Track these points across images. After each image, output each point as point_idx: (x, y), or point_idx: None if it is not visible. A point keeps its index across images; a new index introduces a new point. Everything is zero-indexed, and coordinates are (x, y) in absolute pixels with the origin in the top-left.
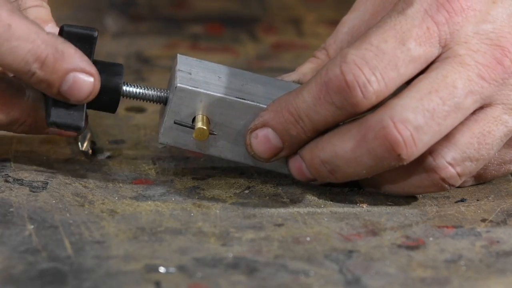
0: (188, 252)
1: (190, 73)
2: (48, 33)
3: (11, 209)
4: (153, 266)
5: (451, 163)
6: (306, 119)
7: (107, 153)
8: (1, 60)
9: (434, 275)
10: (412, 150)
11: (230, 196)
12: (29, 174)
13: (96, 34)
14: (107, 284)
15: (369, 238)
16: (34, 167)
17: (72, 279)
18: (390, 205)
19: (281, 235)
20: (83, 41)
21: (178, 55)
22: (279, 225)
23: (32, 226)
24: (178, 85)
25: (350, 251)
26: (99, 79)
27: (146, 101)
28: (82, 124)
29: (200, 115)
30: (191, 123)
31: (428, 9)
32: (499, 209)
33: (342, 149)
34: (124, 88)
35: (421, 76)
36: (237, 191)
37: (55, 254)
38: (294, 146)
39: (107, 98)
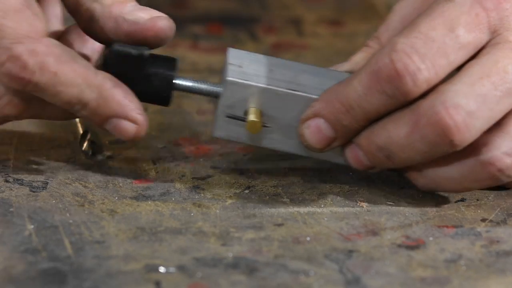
0: (188, 252)
1: (241, 66)
2: (98, 76)
3: (11, 209)
4: (153, 266)
5: (507, 152)
6: (357, 109)
7: (107, 153)
8: (48, 99)
9: (434, 275)
10: (464, 135)
11: (230, 196)
12: (29, 174)
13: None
14: (107, 284)
15: (369, 238)
16: (34, 167)
17: (72, 279)
18: (390, 205)
19: (281, 235)
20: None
21: (230, 48)
22: (279, 225)
23: (32, 226)
24: (229, 78)
25: (350, 251)
26: (146, 123)
27: (199, 95)
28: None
29: (252, 108)
30: (244, 116)
31: None
32: (499, 209)
33: (396, 135)
34: (177, 81)
35: (472, 62)
36: (237, 191)
37: (55, 254)
38: (346, 136)
39: (159, 92)
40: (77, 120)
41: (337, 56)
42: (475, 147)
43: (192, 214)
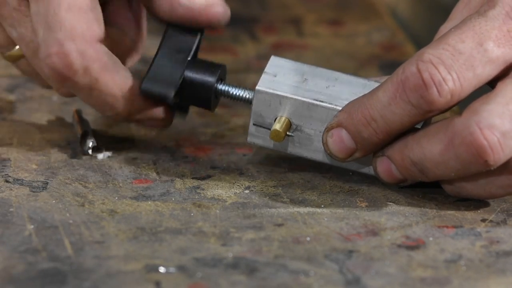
0: (188, 252)
1: (275, 75)
2: (134, 88)
3: (11, 209)
4: (153, 266)
5: None
6: (380, 120)
7: (107, 153)
8: (81, 98)
9: (434, 275)
10: (499, 156)
11: (230, 196)
12: (29, 174)
13: (199, 35)
14: (107, 284)
15: (369, 238)
16: (34, 167)
17: (72, 279)
18: (390, 205)
19: (281, 235)
20: (188, 35)
21: (272, 56)
22: (279, 225)
23: (32, 226)
24: (257, 87)
25: (350, 251)
26: (172, 118)
27: (237, 101)
28: (172, 94)
29: (280, 117)
30: (268, 125)
31: (510, 11)
32: (499, 209)
33: (430, 152)
34: (218, 86)
35: (506, 80)
36: (237, 191)
37: (55, 254)
38: (367, 148)
39: (200, 95)
40: (77, 120)
41: (337, 56)
42: None
43: (192, 214)
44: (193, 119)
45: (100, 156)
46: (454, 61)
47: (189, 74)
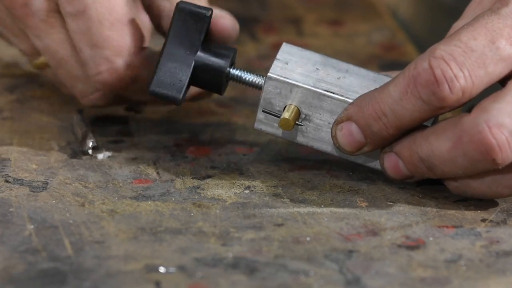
0: (188, 252)
1: (287, 63)
2: None
3: (11, 209)
4: (153, 266)
5: None
6: (390, 115)
7: (107, 153)
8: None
9: (434, 275)
10: (507, 154)
11: (230, 196)
12: (29, 174)
13: (209, 13)
14: (107, 284)
15: (369, 238)
16: (34, 167)
17: (72, 279)
18: (390, 205)
19: (281, 235)
20: (196, 19)
21: (284, 43)
22: (279, 225)
23: (32, 226)
24: (269, 74)
25: (350, 251)
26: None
27: (248, 86)
28: (180, 96)
29: (290, 105)
30: (278, 113)
31: None
32: (499, 209)
33: (438, 149)
34: (230, 70)
35: None
36: (237, 191)
37: (55, 254)
38: (376, 142)
39: (211, 79)
40: (77, 120)
41: (337, 56)
42: None
43: (192, 214)
44: (193, 119)
45: (100, 156)
46: (466, 58)
47: (201, 57)
